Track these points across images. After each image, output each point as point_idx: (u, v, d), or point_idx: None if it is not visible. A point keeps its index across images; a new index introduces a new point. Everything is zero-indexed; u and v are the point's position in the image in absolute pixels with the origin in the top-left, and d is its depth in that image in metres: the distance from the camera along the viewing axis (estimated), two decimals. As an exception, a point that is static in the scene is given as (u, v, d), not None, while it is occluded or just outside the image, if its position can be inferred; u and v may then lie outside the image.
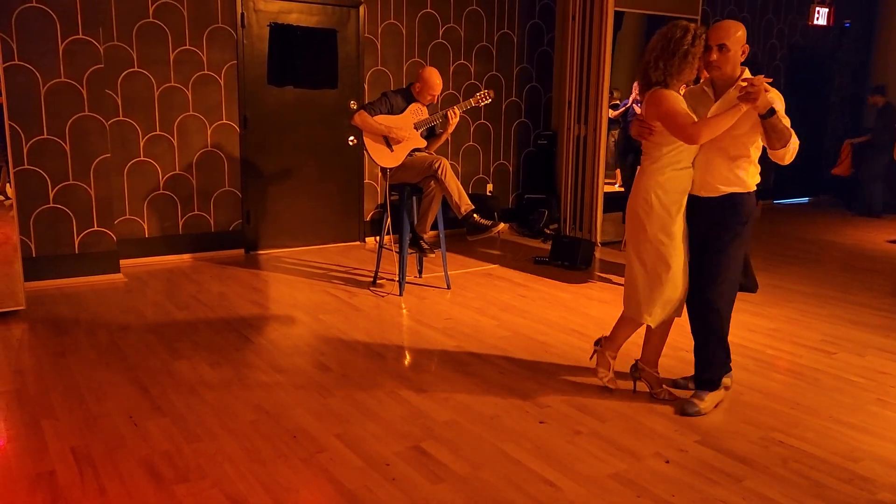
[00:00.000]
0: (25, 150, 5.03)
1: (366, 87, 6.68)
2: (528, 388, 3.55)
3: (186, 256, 6.06)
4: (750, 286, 5.35)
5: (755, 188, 3.21)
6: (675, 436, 3.08)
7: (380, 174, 6.41)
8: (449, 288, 5.29)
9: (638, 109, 5.21)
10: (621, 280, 5.63)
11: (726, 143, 3.10)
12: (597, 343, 3.58)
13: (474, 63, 7.29)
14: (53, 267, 5.21)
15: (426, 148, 5.14)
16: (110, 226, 5.40)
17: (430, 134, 5.25)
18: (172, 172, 5.92)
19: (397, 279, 5.26)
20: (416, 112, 5.03)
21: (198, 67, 5.89)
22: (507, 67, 7.53)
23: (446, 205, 5.05)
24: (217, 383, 3.54)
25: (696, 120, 3.05)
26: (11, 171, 4.61)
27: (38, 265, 5.13)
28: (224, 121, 6.07)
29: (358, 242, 6.92)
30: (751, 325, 4.61)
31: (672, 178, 3.19)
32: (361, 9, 6.55)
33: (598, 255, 6.49)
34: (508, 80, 7.57)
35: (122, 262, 5.55)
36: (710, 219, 3.20)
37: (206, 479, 2.66)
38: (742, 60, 3.11)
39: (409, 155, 5.03)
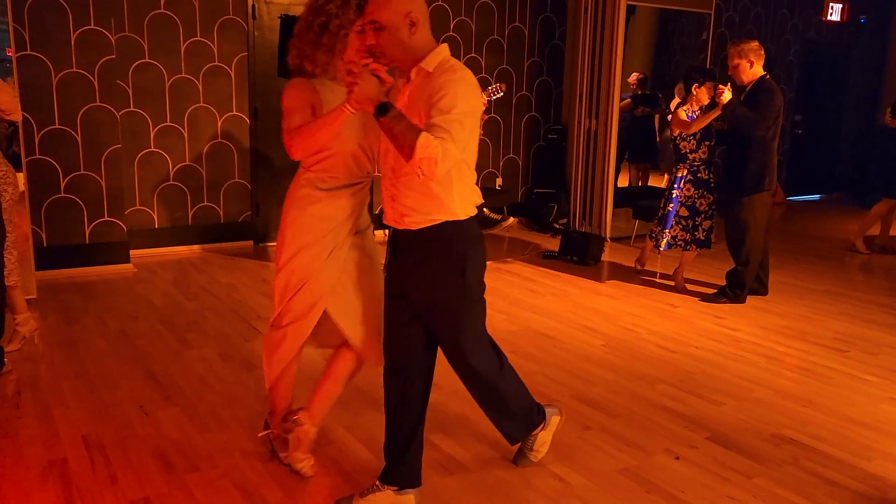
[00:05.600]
0: (37, 140, 5.04)
1: (376, 79, 6.66)
2: (537, 383, 3.53)
3: (196, 247, 6.07)
4: (762, 290, 5.17)
5: (474, 213, 2.35)
6: (686, 432, 3.07)
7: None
8: (458, 282, 5.27)
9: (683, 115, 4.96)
10: (631, 276, 5.61)
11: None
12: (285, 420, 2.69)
13: (485, 56, 7.26)
14: (64, 257, 5.23)
15: None
16: (121, 216, 5.42)
17: None
18: (182, 163, 5.93)
19: (406, 272, 5.24)
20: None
21: (209, 59, 5.89)
22: (518, 61, 7.50)
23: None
24: (226, 374, 3.55)
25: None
26: (24, 160, 4.63)
27: (49, 255, 5.14)
28: (234, 112, 6.07)
29: (367, 235, 6.91)
30: (763, 322, 4.58)
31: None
32: (373, 1, 6.53)
33: (607, 250, 6.46)
34: (519, 74, 7.54)
35: (132, 252, 5.57)
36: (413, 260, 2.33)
37: (217, 469, 2.67)
38: (415, 34, 2.15)
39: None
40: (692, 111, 4.94)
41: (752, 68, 4.72)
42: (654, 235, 5.26)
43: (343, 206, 2.47)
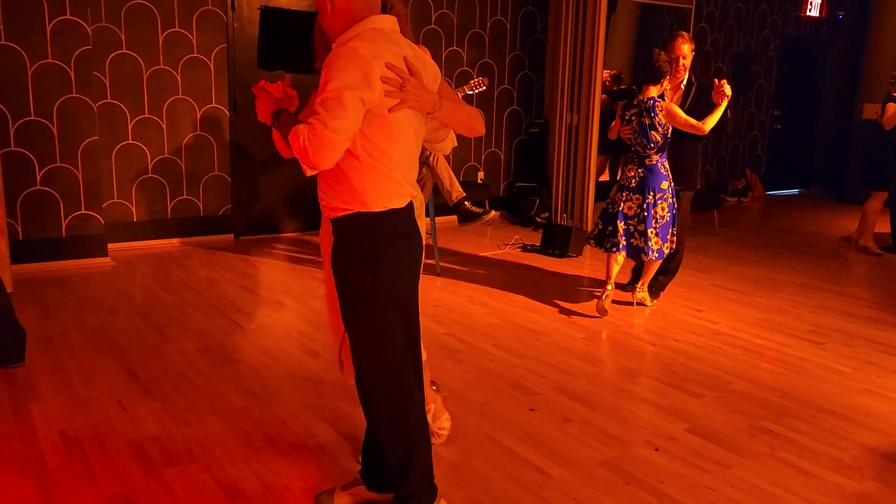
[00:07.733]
0: (12, 132, 4.96)
1: (358, 72, 6.62)
2: (518, 376, 3.55)
3: (175, 241, 6.01)
4: (671, 268, 4.83)
5: (397, 206, 2.05)
6: (665, 424, 3.10)
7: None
8: (439, 275, 5.28)
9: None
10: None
11: None
12: None
13: (466, 50, 7.25)
14: (41, 250, 5.16)
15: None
16: (98, 209, 5.35)
17: None
18: (161, 156, 5.86)
19: (388, 266, 5.23)
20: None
21: (187, 50, 5.82)
22: (500, 55, 7.50)
23: (437, 192, 5.03)
24: (206, 368, 3.53)
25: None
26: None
27: (25, 248, 5.07)
28: (214, 104, 6.01)
29: (348, 229, 6.88)
30: (740, 314, 4.63)
31: None
32: (354, -7, 6.48)
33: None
34: (501, 68, 7.53)
35: (110, 246, 5.50)
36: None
37: (196, 464, 2.65)
38: (336, 12, 2.03)
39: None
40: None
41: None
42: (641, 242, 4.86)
43: None
